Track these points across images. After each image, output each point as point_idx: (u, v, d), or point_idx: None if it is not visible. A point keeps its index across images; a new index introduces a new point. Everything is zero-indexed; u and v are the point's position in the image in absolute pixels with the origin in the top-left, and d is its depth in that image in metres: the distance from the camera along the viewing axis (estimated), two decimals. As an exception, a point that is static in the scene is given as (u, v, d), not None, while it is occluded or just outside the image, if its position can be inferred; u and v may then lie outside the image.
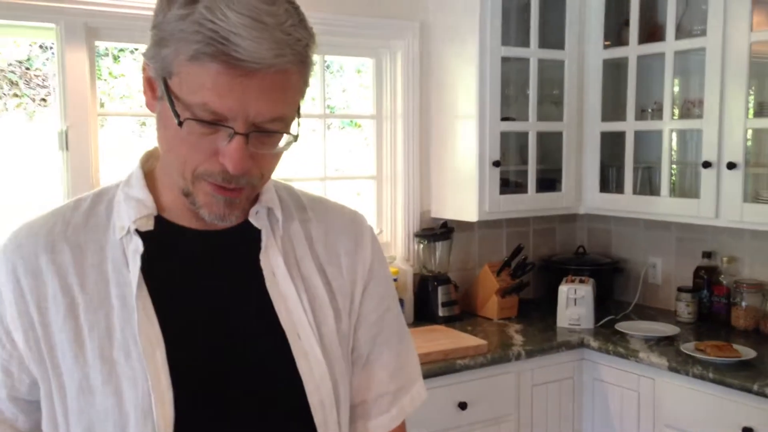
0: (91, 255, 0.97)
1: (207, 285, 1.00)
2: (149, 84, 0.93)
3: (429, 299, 2.98)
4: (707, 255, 2.97)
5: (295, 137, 0.93)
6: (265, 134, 0.90)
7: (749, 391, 2.25)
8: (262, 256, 1.02)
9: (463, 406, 2.50)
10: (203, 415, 0.95)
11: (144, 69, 0.93)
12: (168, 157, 0.95)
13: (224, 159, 0.89)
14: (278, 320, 0.99)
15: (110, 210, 1.01)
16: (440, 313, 2.96)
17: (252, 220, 1.03)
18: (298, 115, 0.94)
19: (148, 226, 0.99)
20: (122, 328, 0.94)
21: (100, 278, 0.96)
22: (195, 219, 0.98)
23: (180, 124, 0.87)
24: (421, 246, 3.05)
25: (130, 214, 0.98)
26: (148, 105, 0.95)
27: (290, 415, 0.99)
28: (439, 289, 2.97)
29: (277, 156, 0.95)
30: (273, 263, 1.02)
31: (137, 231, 0.98)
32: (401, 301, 2.91)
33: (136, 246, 0.96)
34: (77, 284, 0.95)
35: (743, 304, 2.80)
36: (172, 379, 0.92)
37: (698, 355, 2.44)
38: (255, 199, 1.03)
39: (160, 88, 0.89)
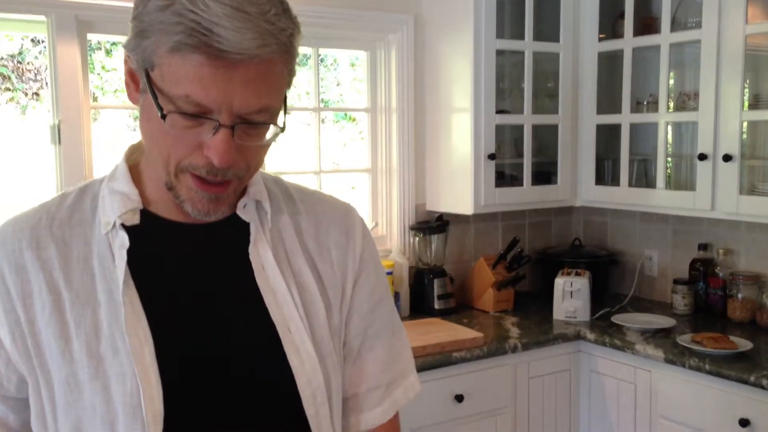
0: (77, 250, 0.96)
1: (195, 279, 0.99)
2: (131, 76, 0.92)
3: (425, 292, 2.98)
4: (703, 247, 2.97)
5: (282, 128, 0.92)
6: (251, 126, 0.88)
7: (746, 382, 2.24)
8: (251, 250, 1.00)
9: (459, 398, 2.50)
10: (193, 411, 0.94)
11: (126, 61, 0.91)
12: (152, 150, 0.94)
13: (209, 152, 0.87)
14: (268, 314, 0.98)
15: (95, 205, 0.99)
16: (436, 306, 2.95)
17: (240, 213, 1.01)
18: (285, 106, 0.93)
19: (134, 220, 0.97)
20: (109, 324, 0.92)
21: (86, 274, 0.95)
22: (182, 212, 0.97)
23: (163, 117, 0.85)
24: (417, 239, 3.05)
25: (115, 209, 0.97)
26: (131, 97, 0.94)
27: (282, 409, 0.98)
28: (435, 281, 2.96)
29: (263, 148, 0.93)
30: (262, 256, 1.01)
31: (123, 225, 0.96)
32: (397, 294, 2.90)
33: (122, 241, 0.95)
34: (63, 280, 0.94)
35: (739, 295, 2.80)
36: (160, 374, 0.91)
37: (695, 347, 2.44)
38: (243, 192, 1.02)
39: (143, 80, 0.88)
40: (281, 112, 0.92)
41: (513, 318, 2.94)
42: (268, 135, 0.92)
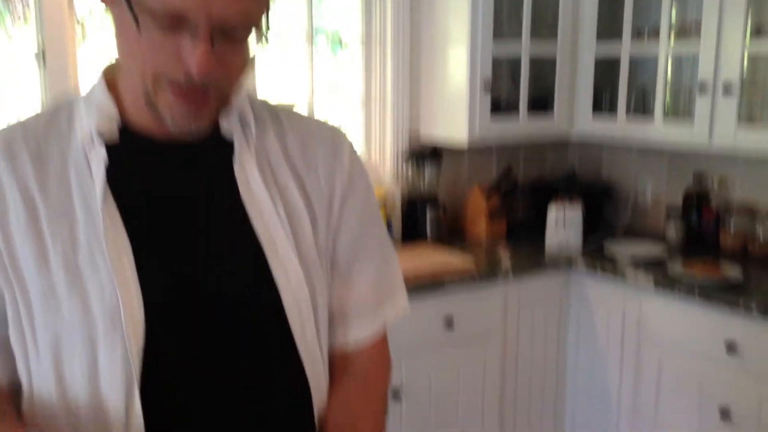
0: (53, 163, 0.94)
1: (178, 197, 0.97)
2: None
3: (417, 220, 2.97)
4: (698, 177, 2.95)
5: (264, 38, 0.89)
6: (231, 35, 0.86)
7: (735, 306, 2.27)
8: (235, 165, 0.99)
9: (449, 323, 2.53)
10: (175, 325, 0.94)
11: None
12: (128, 63, 0.91)
13: (187, 61, 0.85)
14: (253, 229, 0.97)
15: (72, 119, 0.97)
16: (428, 234, 2.96)
17: (224, 129, 0.99)
18: (267, 17, 0.90)
19: (113, 135, 0.95)
20: (88, 238, 0.91)
21: (63, 187, 0.93)
22: (162, 129, 0.94)
23: (138, 26, 0.83)
24: (410, 168, 3.03)
25: (92, 118, 0.95)
26: (107, 3, 0.90)
27: (266, 323, 0.98)
28: (428, 210, 2.96)
29: (244, 60, 0.91)
30: (247, 172, 0.99)
31: (102, 144, 0.94)
32: (389, 222, 2.90)
33: (99, 153, 0.93)
34: (38, 191, 0.92)
35: (732, 225, 2.80)
36: (141, 288, 0.91)
37: (685, 275, 2.45)
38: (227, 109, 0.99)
39: None
40: (263, 24, 0.89)
41: (505, 246, 2.95)
42: (250, 46, 0.89)
